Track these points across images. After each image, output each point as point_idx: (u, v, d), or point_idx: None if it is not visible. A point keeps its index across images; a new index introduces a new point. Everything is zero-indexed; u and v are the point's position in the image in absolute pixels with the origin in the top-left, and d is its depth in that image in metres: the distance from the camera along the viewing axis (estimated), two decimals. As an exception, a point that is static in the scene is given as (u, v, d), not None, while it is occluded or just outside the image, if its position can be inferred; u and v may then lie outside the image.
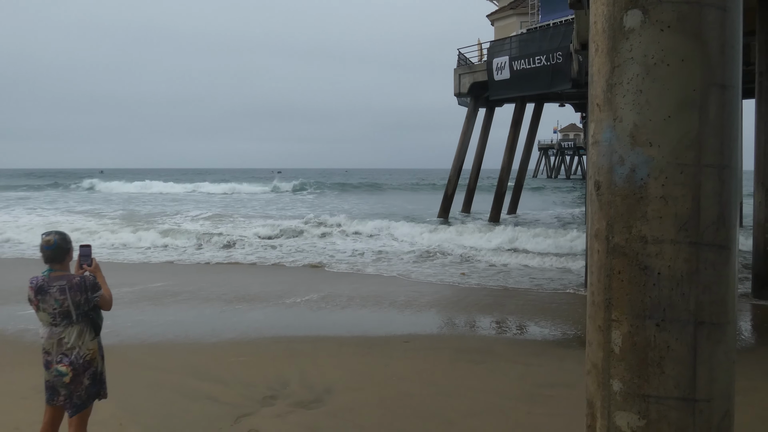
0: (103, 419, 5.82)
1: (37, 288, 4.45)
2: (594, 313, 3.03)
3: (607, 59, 2.92)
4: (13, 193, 56.25)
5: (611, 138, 2.90)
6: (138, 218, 25.20)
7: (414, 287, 13.76)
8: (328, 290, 13.11)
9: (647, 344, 2.82)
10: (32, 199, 48.25)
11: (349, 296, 12.53)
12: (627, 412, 2.89)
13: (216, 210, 36.35)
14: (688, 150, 2.76)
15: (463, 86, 30.47)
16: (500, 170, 31.30)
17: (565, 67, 24.20)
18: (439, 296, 13.02)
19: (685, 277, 2.77)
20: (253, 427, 5.90)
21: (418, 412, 6.33)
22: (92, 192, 59.64)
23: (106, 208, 37.73)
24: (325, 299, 12.19)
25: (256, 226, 24.66)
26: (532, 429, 5.92)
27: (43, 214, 32.57)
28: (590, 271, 3.08)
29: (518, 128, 31.13)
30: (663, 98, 2.78)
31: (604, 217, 2.94)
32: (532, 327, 10.34)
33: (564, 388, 7.04)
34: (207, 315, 10.89)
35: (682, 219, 2.76)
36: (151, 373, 7.55)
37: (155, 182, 69.52)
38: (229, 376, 7.41)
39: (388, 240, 21.71)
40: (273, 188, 62.89)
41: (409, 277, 15.16)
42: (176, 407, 6.43)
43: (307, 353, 8.46)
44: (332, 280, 14.55)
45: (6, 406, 6.42)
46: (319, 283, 14.15)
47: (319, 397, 6.77)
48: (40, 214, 32.53)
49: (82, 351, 4.50)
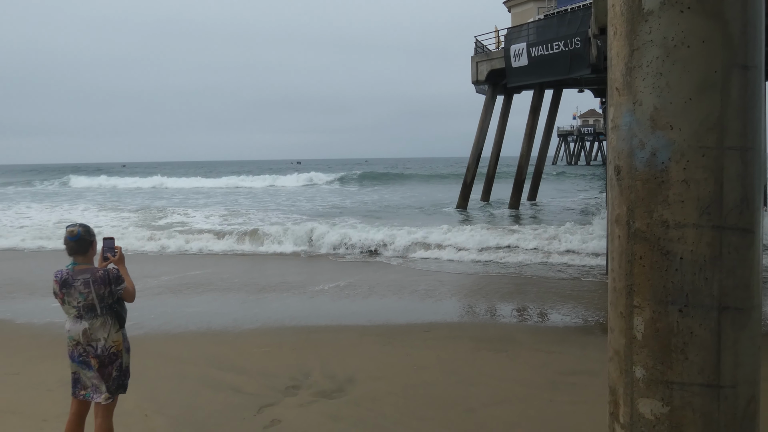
0: (128, 410, 5.89)
1: (61, 281, 4.51)
2: (615, 299, 3.01)
3: (626, 42, 2.88)
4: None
5: (631, 122, 2.86)
6: (258, 236, 19.25)
7: (434, 276, 13.75)
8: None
9: (670, 330, 2.79)
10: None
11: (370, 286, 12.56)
12: (650, 399, 2.86)
13: (304, 213, 29.28)
14: (710, 133, 2.72)
15: (481, 74, 30.27)
16: (519, 157, 31.12)
17: (584, 52, 23.92)
18: (459, 285, 13.01)
19: (708, 262, 2.73)
20: (276, 417, 5.95)
21: (439, 401, 6.33)
22: (157, 189, 57.40)
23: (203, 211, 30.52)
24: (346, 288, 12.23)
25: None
26: (554, 417, 5.90)
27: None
28: (611, 257, 3.05)
29: (537, 115, 30.91)
30: (683, 80, 2.74)
31: (624, 202, 2.90)
32: (553, 314, 10.30)
33: (586, 375, 7.00)
34: (229, 305, 10.97)
35: (705, 202, 2.72)
36: (174, 364, 7.62)
37: (201, 179, 67.07)
38: (252, 367, 7.46)
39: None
40: (309, 182, 61.67)
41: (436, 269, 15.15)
42: (200, 398, 6.50)
43: (329, 343, 8.50)
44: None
45: (33, 398, 6.52)
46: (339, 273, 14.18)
47: (341, 386, 6.80)
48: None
49: (107, 343, 4.55)
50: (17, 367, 7.62)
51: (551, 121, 35.07)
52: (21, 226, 24.08)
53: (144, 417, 5.97)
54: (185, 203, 37.72)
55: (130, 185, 61.41)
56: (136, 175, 76.55)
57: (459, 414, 6.00)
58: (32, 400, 6.44)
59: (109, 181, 65.83)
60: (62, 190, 55.91)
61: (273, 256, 17.37)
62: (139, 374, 6.48)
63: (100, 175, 78.08)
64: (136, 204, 36.25)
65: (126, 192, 52.26)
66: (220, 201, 39.85)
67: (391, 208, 32.87)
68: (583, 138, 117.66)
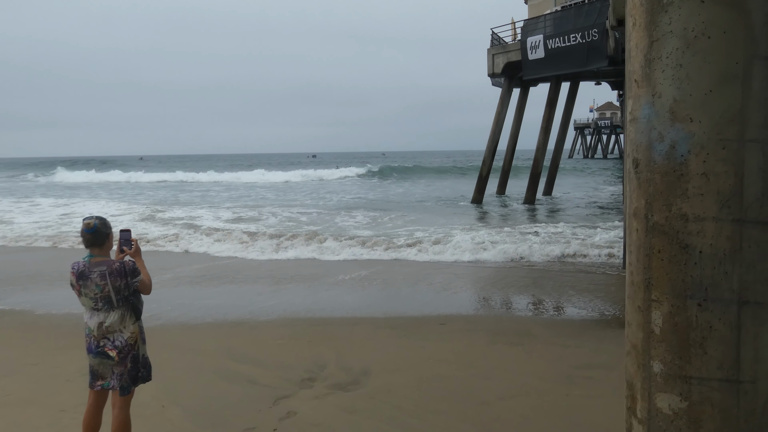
0: (145, 401, 5.94)
1: (78, 273, 4.55)
2: (633, 293, 2.98)
3: (645, 33, 2.85)
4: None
5: (650, 114, 2.83)
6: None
7: (450, 269, 13.74)
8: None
9: (689, 324, 2.77)
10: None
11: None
12: (668, 394, 2.84)
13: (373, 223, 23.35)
14: (731, 125, 2.69)
15: (497, 66, 30.12)
16: (535, 150, 30.95)
17: (601, 44, 23.71)
18: (475, 278, 12.98)
19: (728, 256, 2.70)
20: (291, 409, 5.97)
21: (454, 394, 6.33)
22: (185, 184, 54.94)
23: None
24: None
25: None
26: (570, 411, 5.88)
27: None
28: (629, 250, 3.03)
29: (553, 108, 30.71)
30: (704, 72, 2.70)
31: (642, 195, 2.88)
32: (569, 308, 10.25)
33: (603, 369, 6.97)
34: (246, 298, 11.02)
35: (725, 196, 2.69)
36: (191, 356, 7.68)
37: (243, 173, 64.64)
38: (268, 359, 7.50)
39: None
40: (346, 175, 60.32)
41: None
42: (216, 389, 6.54)
43: (344, 336, 8.52)
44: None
45: (52, 388, 6.59)
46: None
47: (356, 379, 6.81)
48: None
49: (124, 335, 4.59)
50: (36, 357, 7.71)
51: (568, 114, 34.81)
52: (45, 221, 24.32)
53: (161, 408, 6.02)
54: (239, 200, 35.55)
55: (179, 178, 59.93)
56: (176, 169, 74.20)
57: (474, 407, 5.99)
58: (51, 391, 6.52)
59: (139, 177, 62.62)
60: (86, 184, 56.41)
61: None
62: (156, 366, 6.50)
63: (113, 169, 76.36)
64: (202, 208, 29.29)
65: (180, 189, 47.80)
66: (286, 199, 36.23)
67: (407, 202, 32.88)
68: (599, 131, 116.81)
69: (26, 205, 31.29)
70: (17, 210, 28.47)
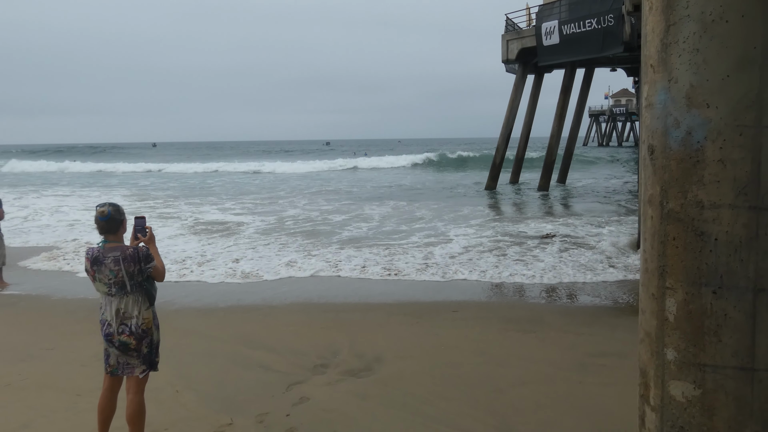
0: (159, 386, 6.00)
1: (92, 259, 4.58)
2: (647, 280, 2.96)
3: (661, 17, 2.81)
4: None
5: (666, 100, 2.80)
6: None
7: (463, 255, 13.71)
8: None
9: (703, 312, 2.75)
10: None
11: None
12: (682, 382, 2.82)
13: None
14: (748, 111, 2.65)
15: (511, 52, 29.88)
16: (549, 138, 30.76)
17: (617, 30, 23.47)
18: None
19: (744, 243, 2.67)
20: (304, 395, 6.00)
21: (467, 381, 6.34)
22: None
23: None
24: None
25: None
26: (583, 398, 5.87)
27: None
28: (643, 237, 3.00)
29: (568, 95, 30.49)
30: (721, 57, 2.67)
31: (658, 182, 2.85)
32: (582, 295, 10.22)
33: (616, 357, 6.94)
34: (258, 284, 11.08)
35: (741, 183, 2.66)
36: (205, 342, 7.73)
37: (282, 163, 57.08)
38: (281, 345, 7.54)
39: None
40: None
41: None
42: (230, 375, 6.59)
43: (357, 322, 8.54)
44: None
45: (67, 373, 6.67)
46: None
47: (369, 365, 6.83)
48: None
49: (139, 320, 4.63)
50: (53, 342, 7.80)
51: (582, 101, 34.57)
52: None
53: (175, 393, 6.07)
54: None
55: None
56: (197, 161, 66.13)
57: (487, 394, 6.00)
58: (67, 375, 6.59)
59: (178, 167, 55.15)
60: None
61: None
62: (171, 351, 6.58)
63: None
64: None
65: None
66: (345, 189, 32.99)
67: (425, 189, 32.85)
68: (615, 118, 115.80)
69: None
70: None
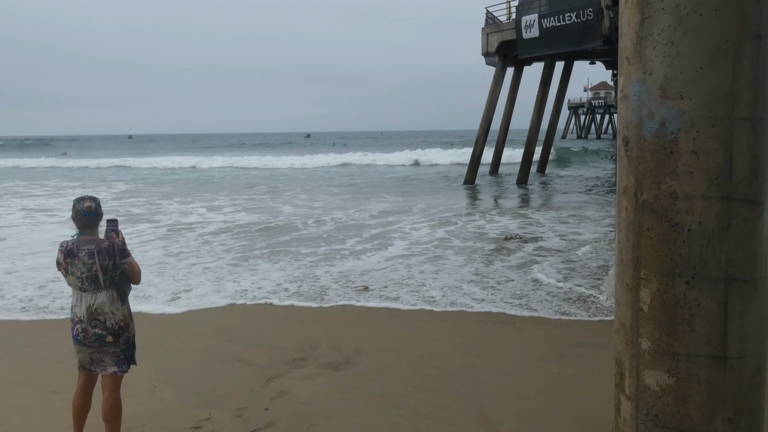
0: (137, 381, 5.94)
1: (66, 251, 4.47)
2: (622, 271, 2.99)
3: (637, 10, 2.83)
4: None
5: (641, 92, 2.82)
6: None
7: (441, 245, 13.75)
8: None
9: (677, 302, 2.78)
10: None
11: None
12: (656, 371, 2.86)
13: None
14: (721, 102, 2.68)
15: (491, 45, 29.94)
16: (529, 130, 30.91)
17: (596, 23, 23.60)
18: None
19: (716, 233, 2.71)
20: (283, 389, 5.99)
21: (446, 373, 6.36)
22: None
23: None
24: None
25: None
26: (560, 388, 5.92)
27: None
28: (618, 229, 3.03)
29: (547, 87, 30.63)
30: (695, 49, 2.69)
31: (632, 173, 2.87)
32: (561, 286, 10.27)
33: (594, 347, 7.01)
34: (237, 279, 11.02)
35: (714, 173, 2.69)
36: (183, 336, 7.68)
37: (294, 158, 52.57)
38: (260, 339, 7.51)
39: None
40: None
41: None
42: (208, 369, 6.55)
43: (336, 315, 8.53)
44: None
45: (43, 369, 6.59)
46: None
47: (348, 358, 6.83)
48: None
49: (116, 317, 4.51)
50: (27, 339, 7.70)
51: (562, 94, 34.74)
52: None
53: (153, 388, 6.03)
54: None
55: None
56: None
57: (465, 386, 6.02)
58: (42, 372, 6.51)
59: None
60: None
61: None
62: (148, 346, 6.53)
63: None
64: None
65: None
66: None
67: (407, 182, 32.83)
68: (593, 111, 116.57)
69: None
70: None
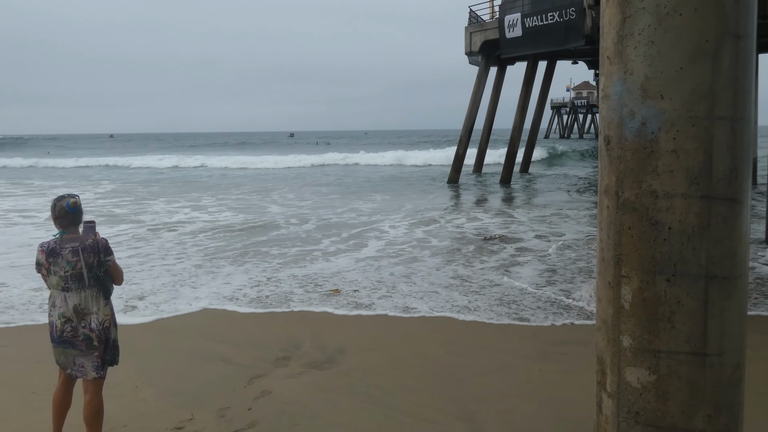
0: (119, 381, 5.90)
1: (48, 251, 4.37)
2: (604, 269, 3.01)
3: (618, 10, 2.85)
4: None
5: (622, 91, 2.84)
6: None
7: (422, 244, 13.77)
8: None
9: (657, 300, 2.80)
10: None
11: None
12: (637, 368, 2.88)
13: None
14: (701, 102, 2.70)
15: (474, 45, 30.01)
16: (512, 129, 31.03)
17: (579, 23, 23.75)
18: (459, 250, 13.02)
19: (697, 232, 2.73)
20: (266, 388, 5.97)
21: (430, 372, 6.37)
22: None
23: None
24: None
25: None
26: (544, 386, 5.95)
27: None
28: (600, 227, 3.05)
29: (530, 87, 30.76)
30: (675, 49, 2.71)
31: (613, 172, 2.89)
32: (544, 284, 10.33)
33: (577, 345, 7.05)
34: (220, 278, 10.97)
35: (694, 173, 2.71)
36: (165, 336, 7.63)
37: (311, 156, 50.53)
38: (243, 339, 7.48)
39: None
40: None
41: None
42: (190, 369, 6.51)
43: (320, 315, 8.52)
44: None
45: (23, 370, 6.52)
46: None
47: (332, 357, 6.82)
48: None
49: (99, 317, 4.45)
50: (6, 339, 7.62)
51: (544, 93, 34.92)
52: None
53: (134, 388, 5.98)
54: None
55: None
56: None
57: (449, 384, 6.04)
58: (21, 373, 6.44)
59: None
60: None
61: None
62: (130, 346, 6.47)
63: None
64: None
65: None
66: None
67: (389, 181, 32.83)
68: (576, 110, 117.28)
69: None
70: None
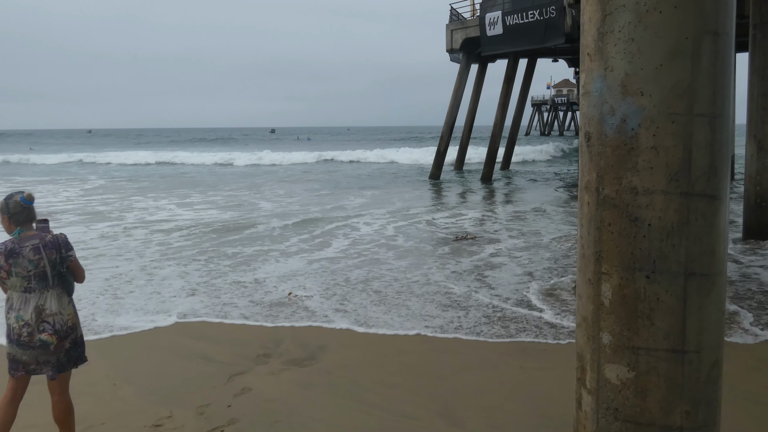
0: (96, 380, 5.84)
1: (7, 252, 4.17)
2: (584, 266, 3.02)
3: (598, 7, 2.85)
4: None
5: (602, 88, 2.84)
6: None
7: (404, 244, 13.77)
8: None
9: (637, 296, 2.81)
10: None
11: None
12: (616, 365, 2.89)
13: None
14: (680, 99, 2.71)
15: (455, 42, 30.07)
16: (493, 127, 31.13)
17: (559, 21, 23.88)
18: (427, 251, 13.03)
19: (676, 228, 2.75)
20: (246, 386, 5.93)
21: (411, 368, 6.37)
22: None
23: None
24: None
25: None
26: (524, 383, 5.97)
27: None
28: (580, 224, 3.05)
29: (511, 84, 30.87)
30: (655, 46, 2.72)
31: (594, 168, 2.90)
32: (525, 281, 10.37)
33: (556, 342, 7.09)
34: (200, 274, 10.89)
35: (673, 169, 2.73)
36: (144, 333, 7.56)
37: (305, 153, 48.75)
38: (223, 336, 7.43)
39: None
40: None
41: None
42: (170, 367, 6.46)
43: (301, 313, 8.48)
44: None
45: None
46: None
47: (312, 354, 6.80)
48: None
49: (64, 317, 4.28)
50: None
51: (525, 91, 35.07)
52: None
53: (112, 386, 5.91)
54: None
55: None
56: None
57: (430, 380, 6.04)
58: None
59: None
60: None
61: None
62: (107, 343, 6.42)
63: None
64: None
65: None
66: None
67: (370, 177, 32.81)
68: (556, 108, 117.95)
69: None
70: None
